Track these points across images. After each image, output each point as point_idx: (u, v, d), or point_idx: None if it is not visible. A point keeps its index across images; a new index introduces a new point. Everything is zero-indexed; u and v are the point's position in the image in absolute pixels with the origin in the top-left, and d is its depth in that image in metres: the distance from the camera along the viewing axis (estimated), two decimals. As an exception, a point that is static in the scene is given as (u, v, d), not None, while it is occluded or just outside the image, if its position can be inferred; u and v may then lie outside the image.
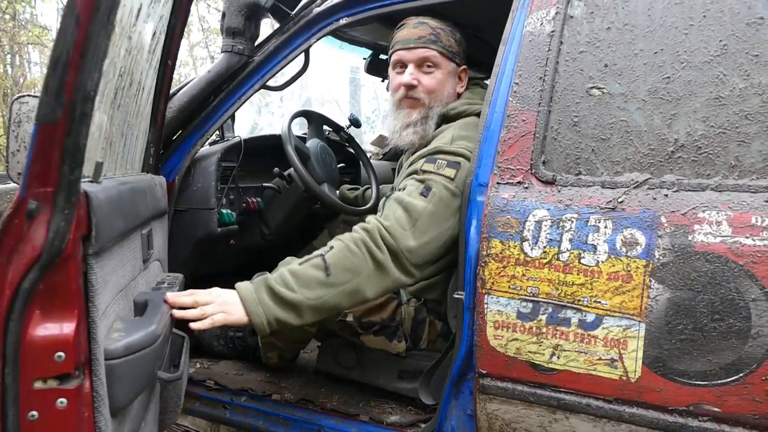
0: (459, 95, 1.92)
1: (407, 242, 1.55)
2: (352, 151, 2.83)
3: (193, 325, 1.41)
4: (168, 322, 1.34)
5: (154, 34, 1.53)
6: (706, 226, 1.22)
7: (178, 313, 1.39)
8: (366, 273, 1.52)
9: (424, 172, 1.66)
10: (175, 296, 1.41)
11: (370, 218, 1.61)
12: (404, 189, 1.66)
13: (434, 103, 1.85)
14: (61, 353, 1.01)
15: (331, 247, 1.55)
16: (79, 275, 1.04)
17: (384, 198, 1.85)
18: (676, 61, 1.33)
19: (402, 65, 1.88)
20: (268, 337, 2.07)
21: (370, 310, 1.85)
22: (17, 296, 0.99)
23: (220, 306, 1.46)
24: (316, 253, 1.55)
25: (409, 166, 1.76)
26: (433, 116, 1.85)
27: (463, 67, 1.93)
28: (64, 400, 1.02)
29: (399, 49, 1.87)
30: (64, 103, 0.93)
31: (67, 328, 1.02)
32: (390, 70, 1.94)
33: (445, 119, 1.85)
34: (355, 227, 1.60)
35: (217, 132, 2.24)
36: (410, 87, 1.84)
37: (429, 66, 1.85)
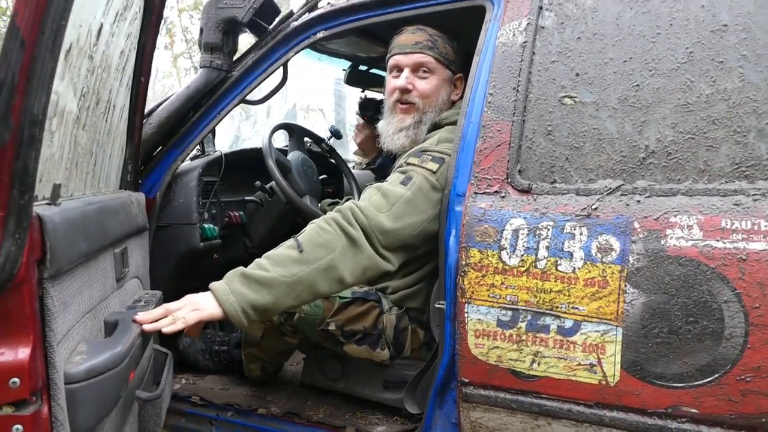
0: (453, 103, 1.94)
1: (381, 223, 1.56)
2: (333, 162, 2.84)
3: (165, 329, 1.37)
4: (139, 341, 1.33)
5: (122, 52, 1.53)
6: (677, 231, 1.24)
7: (149, 326, 1.36)
8: (340, 249, 1.51)
9: (408, 164, 1.69)
10: (144, 314, 1.38)
11: (346, 203, 1.62)
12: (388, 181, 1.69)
13: (428, 108, 1.87)
14: (16, 379, 0.99)
15: (305, 230, 1.56)
16: (34, 300, 1.03)
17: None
18: (644, 69, 1.36)
19: (398, 69, 1.90)
20: (250, 348, 2.07)
21: (352, 318, 1.86)
22: None
23: (191, 306, 1.43)
24: (290, 238, 1.55)
25: (398, 167, 1.78)
26: (426, 122, 1.88)
27: (459, 75, 1.95)
28: (20, 426, 1.01)
29: (396, 54, 1.89)
30: (11, 126, 0.92)
31: (21, 353, 1.00)
32: (387, 74, 1.97)
33: (437, 127, 1.87)
34: None
35: (198, 147, 2.24)
36: (405, 91, 1.87)
37: (425, 71, 1.87)
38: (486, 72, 1.55)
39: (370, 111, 2.64)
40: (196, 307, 1.43)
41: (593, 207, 1.33)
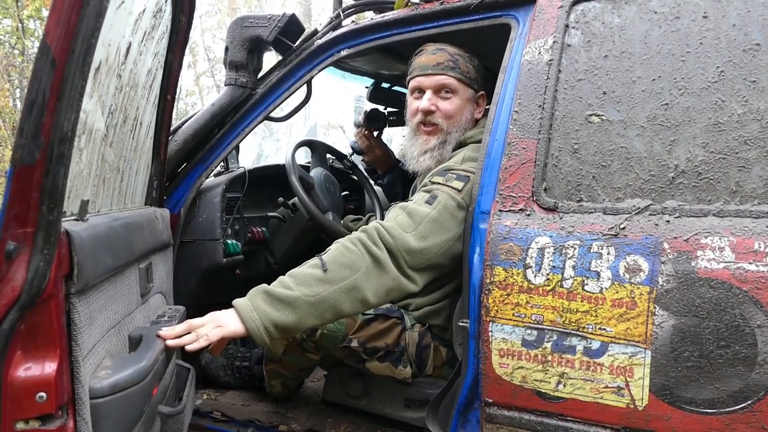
0: (476, 121, 1.93)
1: (407, 243, 1.54)
2: (355, 178, 2.85)
3: (188, 347, 1.37)
4: (162, 356, 1.33)
5: (150, 70, 1.55)
6: (708, 252, 1.22)
7: (172, 342, 1.36)
8: (364, 269, 1.50)
9: (433, 183, 1.69)
10: (168, 329, 1.39)
11: (370, 222, 1.61)
12: (412, 200, 1.68)
13: (452, 128, 1.87)
14: (43, 394, 1.00)
15: (329, 249, 1.55)
16: (61, 314, 1.04)
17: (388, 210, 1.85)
18: (674, 88, 1.34)
19: (420, 91, 1.89)
20: (271, 364, 2.07)
21: (375, 335, 1.85)
22: None
23: (213, 323, 1.42)
24: (315, 257, 1.54)
25: (422, 186, 1.77)
26: (450, 141, 1.87)
27: (481, 92, 1.94)
28: None
29: (417, 76, 1.89)
30: (41, 144, 0.94)
31: (48, 368, 1.01)
32: (408, 95, 1.96)
33: (462, 145, 1.87)
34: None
35: (222, 163, 2.26)
36: (428, 112, 1.86)
37: (447, 92, 1.86)
38: (511, 90, 1.55)
39: (378, 123, 2.65)
40: (219, 324, 1.42)
41: (621, 226, 1.31)
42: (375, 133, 2.65)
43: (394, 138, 5.11)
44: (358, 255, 1.51)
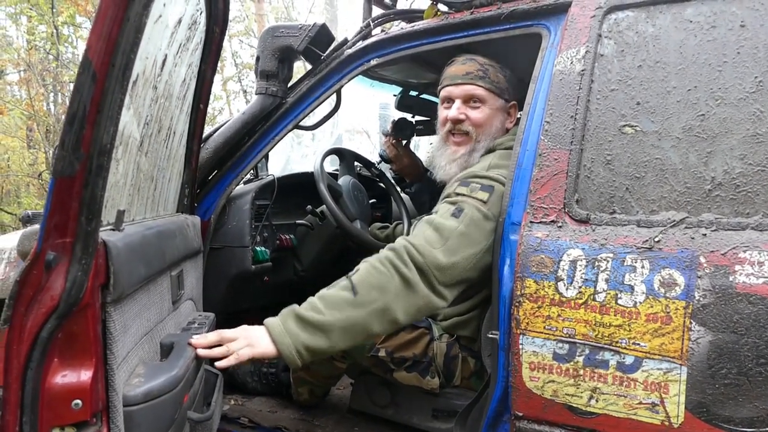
0: (508, 130, 1.92)
1: (436, 260, 1.52)
2: (383, 186, 2.85)
3: (218, 364, 1.38)
4: (194, 364, 1.34)
5: (184, 81, 1.57)
6: (747, 267, 1.19)
7: (203, 353, 1.37)
8: (394, 291, 1.49)
9: (457, 194, 1.67)
10: (200, 338, 1.39)
11: (398, 239, 1.61)
12: (436, 212, 1.66)
13: (482, 137, 1.86)
14: (79, 401, 1.02)
15: (358, 269, 1.54)
16: (97, 323, 1.06)
17: (414, 222, 1.84)
18: (710, 99, 1.32)
19: (450, 101, 1.89)
20: (299, 372, 2.07)
21: (402, 345, 1.84)
22: (35, 345, 1.01)
23: (245, 340, 1.42)
24: (343, 277, 1.54)
25: (446, 196, 1.76)
26: (479, 149, 1.86)
27: (513, 102, 1.93)
28: None
29: (447, 85, 1.89)
30: (82, 156, 0.96)
31: (84, 375, 1.03)
32: (439, 105, 1.97)
33: (490, 151, 1.85)
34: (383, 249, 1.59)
35: (252, 171, 2.28)
36: (457, 121, 1.86)
37: (476, 101, 1.86)
38: (542, 100, 1.54)
39: (406, 132, 2.64)
40: (251, 343, 1.42)
41: (656, 239, 1.29)
42: (403, 142, 2.65)
43: (421, 144, 5.09)
44: (388, 276, 1.50)
